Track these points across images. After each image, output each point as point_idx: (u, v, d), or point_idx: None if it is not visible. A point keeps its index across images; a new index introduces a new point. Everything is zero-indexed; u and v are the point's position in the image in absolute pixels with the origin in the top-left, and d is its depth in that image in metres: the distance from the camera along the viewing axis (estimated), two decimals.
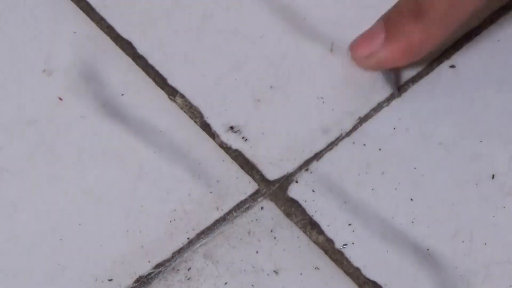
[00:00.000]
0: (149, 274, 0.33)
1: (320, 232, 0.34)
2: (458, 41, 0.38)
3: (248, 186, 0.35)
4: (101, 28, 0.39)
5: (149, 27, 0.40)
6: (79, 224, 0.34)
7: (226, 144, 0.36)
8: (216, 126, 0.37)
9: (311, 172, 0.36)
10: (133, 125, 0.37)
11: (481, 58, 0.38)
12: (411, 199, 0.35)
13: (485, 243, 0.34)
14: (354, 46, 0.33)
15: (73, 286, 0.33)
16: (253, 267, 0.33)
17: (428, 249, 0.34)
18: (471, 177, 0.35)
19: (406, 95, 0.37)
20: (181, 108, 0.37)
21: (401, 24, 0.32)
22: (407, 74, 0.38)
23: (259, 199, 0.35)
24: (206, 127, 0.37)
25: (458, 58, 0.38)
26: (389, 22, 0.32)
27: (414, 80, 0.38)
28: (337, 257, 0.34)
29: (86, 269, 0.33)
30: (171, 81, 0.38)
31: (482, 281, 0.33)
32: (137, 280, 0.33)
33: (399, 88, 0.37)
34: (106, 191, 0.35)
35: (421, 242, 0.34)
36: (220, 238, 0.34)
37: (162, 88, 0.38)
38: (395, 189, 0.35)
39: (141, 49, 0.39)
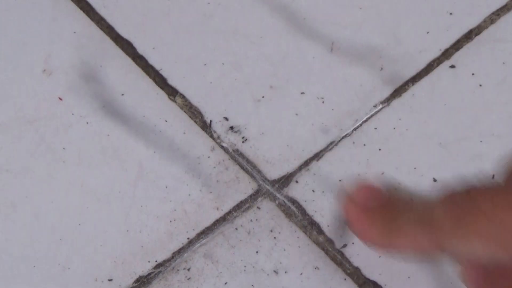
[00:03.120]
0: (149, 274, 0.33)
1: (320, 232, 0.34)
2: (458, 41, 0.38)
3: (248, 186, 0.35)
4: (101, 28, 0.39)
5: (149, 27, 0.40)
6: (79, 224, 0.34)
7: (226, 144, 0.36)
8: (216, 126, 0.37)
9: (311, 172, 0.36)
10: (133, 125, 0.37)
11: (481, 58, 0.38)
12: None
13: None
14: (357, 182, 0.32)
15: (73, 286, 0.33)
16: (253, 267, 0.33)
17: None
18: (471, 177, 0.35)
19: (406, 95, 0.37)
20: (181, 108, 0.37)
21: (372, 219, 0.30)
22: (407, 74, 0.38)
23: (259, 199, 0.35)
24: (206, 127, 0.37)
25: (458, 58, 0.38)
26: (371, 208, 0.31)
27: (414, 80, 0.38)
28: (337, 257, 0.34)
29: (86, 269, 0.33)
30: (171, 81, 0.38)
31: None
32: (137, 280, 0.33)
33: (342, 243, 0.35)
34: (106, 191, 0.35)
35: None
36: (220, 238, 0.34)
37: (162, 88, 0.38)
38: (395, 189, 0.35)
39: (141, 49, 0.39)
